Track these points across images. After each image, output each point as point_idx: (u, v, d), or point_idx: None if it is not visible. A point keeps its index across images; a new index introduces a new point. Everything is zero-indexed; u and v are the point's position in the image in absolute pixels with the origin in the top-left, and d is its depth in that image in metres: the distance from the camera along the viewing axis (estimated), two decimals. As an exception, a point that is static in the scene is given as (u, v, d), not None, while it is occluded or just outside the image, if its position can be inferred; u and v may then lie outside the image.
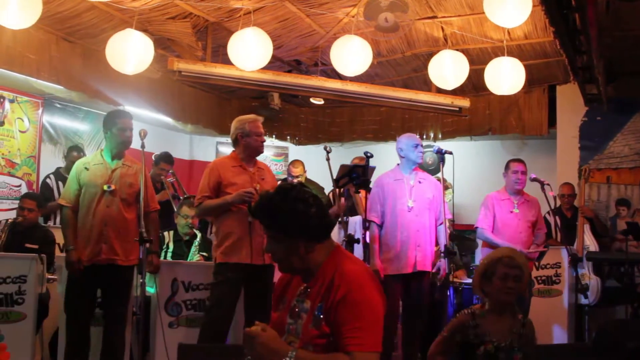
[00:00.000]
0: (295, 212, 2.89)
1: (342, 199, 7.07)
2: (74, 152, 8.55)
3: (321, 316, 2.87)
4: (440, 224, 6.43)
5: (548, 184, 6.77)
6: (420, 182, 6.38)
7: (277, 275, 3.30)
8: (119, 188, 5.70)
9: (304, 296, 3.00)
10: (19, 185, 8.60)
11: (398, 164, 6.49)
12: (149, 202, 5.91)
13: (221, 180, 5.69)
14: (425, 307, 6.38)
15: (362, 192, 6.46)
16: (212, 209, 5.71)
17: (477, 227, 7.04)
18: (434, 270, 6.34)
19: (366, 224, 6.34)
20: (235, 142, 5.90)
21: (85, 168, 5.75)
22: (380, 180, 6.42)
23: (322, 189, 8.99)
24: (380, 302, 2.89)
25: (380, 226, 6.29)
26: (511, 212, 6.92)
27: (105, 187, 5.65)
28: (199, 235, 7.29)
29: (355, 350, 2.75)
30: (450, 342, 4.13)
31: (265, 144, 6.00)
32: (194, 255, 7.11)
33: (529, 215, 6.95)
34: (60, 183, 8.36)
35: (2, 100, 8.41)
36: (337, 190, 6.26)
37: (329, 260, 2.96)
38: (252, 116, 5.98)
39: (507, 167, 7.07)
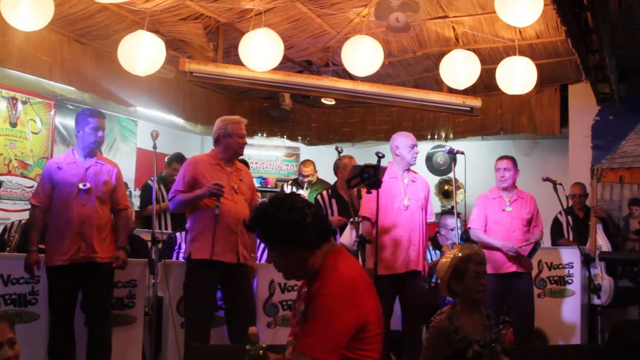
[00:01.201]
0: (291, 223, 2.90)
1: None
2: None
3: (303, 317, 2.92)
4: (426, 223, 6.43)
5: (560, 184, 6.74)
6: (413, 181, 6.36)
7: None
8: (94, 186, 5.69)
9: (302, 299, 3.06)
10: (32, 187, 8.62)
11: (390, 162, 6.43)
12: (119, 200, 5.93)
13: (197, 176, 5.73)
14: (420, 306, 6.30)
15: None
16: (184, 203, 5.72)
17: (469, 228, 7.01)
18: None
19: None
20: (216, 141, 5.94)
21: (58, 167, 5.72)
22: None
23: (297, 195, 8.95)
24: (353, 313, 2.85)
25: (374, 224, 6.18)
26: (503, 210, 6.86)
27: (80, 186, 5.64)
28: None
29: (300, 352, 2.78)
30: (438, 354, 4.05)
31: (276, 144, 6.03)
32: None
33: (523, 213, 6.86)
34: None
35: (14, 101, 8.44)
36: (354, 190, 6.23)
37: (325, 264, 2.98)
38: (236, 117, 6.02)
39: (495, 165, 7.04)
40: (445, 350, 3.94)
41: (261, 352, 2.95)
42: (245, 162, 8.51)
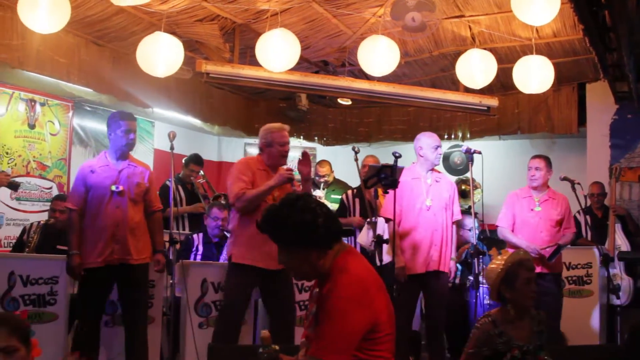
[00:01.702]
0: (303, 223, 2.91)
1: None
2: None
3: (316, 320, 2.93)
4: (453, 223, 6.40)
5: (578, 183, 6.70)
6: (437, 182, 6.35)
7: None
8: (127, 188, 5.74)
9: (314, 300, 3.07)
10: (50, 188, 8.69)
11: (414, 162, 6.45)
12: (152, 202, 5.99)
13: (253, 176, 5.73)
14: (444, 306, 6.30)
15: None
16: (256, 197, 5.63)
17: (497, 226, 6.98)
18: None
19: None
20: (260, 150, 5.95)
21: (92, 171, 5.76)
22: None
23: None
24: (364, 314, 2.86)
25: (398, 225, 6.19)
26: (532, 210, 6.77)
27: (113, 188, 5.68)
28: None
29: (313, 354, 2.81)
30: (478, 357, 4.05)
31: (292, 145, 6.01)
32: None
33: (553, 214, 6.74)
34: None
35: (33, 103, 8.49)
36: (371, 191, 6.23)
37: (335, 264, 2.98)
38: (277, 125, 5.98)
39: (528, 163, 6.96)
40: (485, 349, 3.95)
41: (274, 354, 2.95)
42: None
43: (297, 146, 12.03)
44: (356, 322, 2.83)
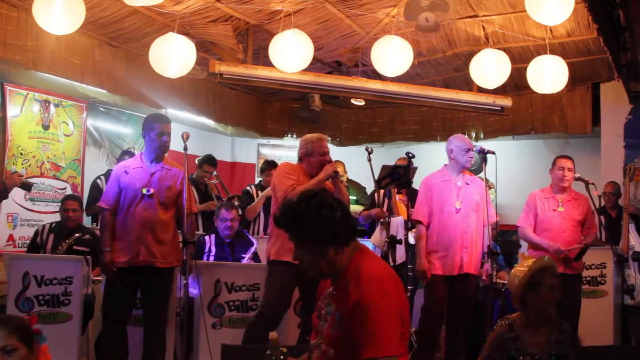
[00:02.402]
0: (321, 218, 2.89)
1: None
2: (126, 155, 8.69)
3: (339, 320, 2.89)
4: (485, 225, 6.33)
5: (592, 183, 6.67)
6: (467, 184, 6.31)
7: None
8: (157, 191, 5.74)
9: (330, 299, 3.03)
10: (64, 188, 8.72)
11: (446, 165, 6.43)
12: (186, 205, 5.96)
13: (297, 178, 5.75)
14: (470, 309, 6.30)
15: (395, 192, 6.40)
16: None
17: (518, 227, 6.94)
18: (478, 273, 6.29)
19: (408, 225, 6.34)
20: (300, 160, 5.98)
21: (125, 172, 5.80)
22: (427, 181, 6.36)
23: (364, 189, 8.98)
24: (394, 304, 2.85)
25: (427, 227, 6.22)
26: (555, 210, 6.73)
27: (144, 191, 5.70)
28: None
29: (367, 356, 2.75)
30: (491, 357, 4.03)
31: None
32: None
33: (575, 214, 6.73)
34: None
35: (47, 104, 8.53)
36: (381, 191, 6.24)
37: (351, 263, 2.97)
38: (316, 135, 6.02)
39: (553, 163, 6.90)
40: (498, 354, 3.93)
41: (282, 357, 2.94)
42: (274, 164, 8.56)
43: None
44: (392, 310, 2.83)
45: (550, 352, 3.96)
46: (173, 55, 6.75)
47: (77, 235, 6.94)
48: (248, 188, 8.81)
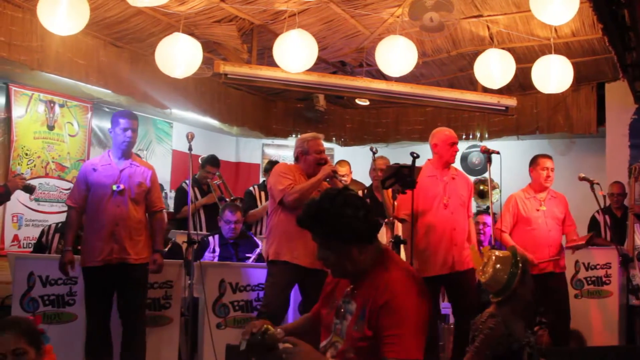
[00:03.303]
0: (345, 217, 2.85)
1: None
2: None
3: (364, 319, 2.85)
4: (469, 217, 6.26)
5: (597, 183, 6.66)
6: (453, 179, 6.17)
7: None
8: (127, 188, 5.69)
9: (350, 297, 2.99)
10: (69, 189, 8.70)
11: (429, 160, 6.29)
12: (154, 202, 5.94)
13: (294, 177, 5.75)
14: (474, 306, 5.88)
15: (388, 192, 6.33)
16: (307, 189, 5.63)
17: (497, 229, 6.77)
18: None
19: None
20: (296, 160, 5.96)
21: (94, 169, 5.75)
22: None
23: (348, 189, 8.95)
24: (424, 309, 2.83)
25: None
26: (538, 210, 6.67)
27: (114, 187, 5.65)
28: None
29: (391, 357, 2.71)
30: (489, 356, 4.05)
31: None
32: None
33: (556, 213, 6.69)
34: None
35: (52, 104, 8.55)
36: (389, 191, 6.20)
37: (377, 263, 2.93)
38: (312, 134, 6.03)
39: (536, 163, 6.81)
40: (497, 350, 3.96)
41: (267, 332, 2.85)
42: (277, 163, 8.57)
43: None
44: (423, 314, 2.80)
45: (529, 337, 4.02)
46: (179, 56, 6.76)
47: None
48: (251, 189, 8.80)
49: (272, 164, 8.84)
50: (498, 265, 4.20)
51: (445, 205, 6.02)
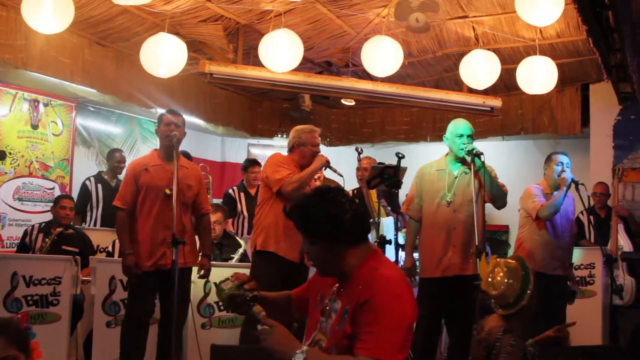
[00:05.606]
0: (328, 216, 2.84)
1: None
2: (115, 153, 8.70)
3: (346, 318, 2.83)
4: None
5: (582, 184, 6.67)
6: (465, 174, 5.72)
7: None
8: (179, 190, 5.39)
9: (336, 296, 2.98)
10: (52, 188, 8.70)
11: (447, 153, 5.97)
12: (202, 204, 5.89)
13: (290, 167, 5.76)
14: (469, 317, 5.44)
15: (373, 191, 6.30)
16: (305, 179, 5.67)
17: (539, 209, 6.28)
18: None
19: (398, 225, 5.98)
20: (290, 150, 5.98)
21: (145, 169, 5.63)
22: (421, 170, 5.95)
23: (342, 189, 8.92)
24: (407, 311, 2.78)
25: (419, 222, 5.82)
26: None
27: (167, 191, 5.52)
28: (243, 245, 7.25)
29: (361, 353, 2.68)
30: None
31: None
32: None
33: (569, 212, 6.52)
34: (99, 186, 8.46)
35: (36, 103, 8.51)
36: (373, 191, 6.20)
37: (364, 264, 2.91)
38: (309, 127, 6.08)
39: (550, 159, 6.66)
40: None
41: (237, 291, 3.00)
42: (257, 162, 8.57)
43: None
44: (406, 315, 2.76)
45: (536, 349, 4.04)
46: (164, 55, 6.74)
47: (59, 229, 6.89)
48: (230, 191, 8.80)
49: (250, 162, 8.86)
50: (509, 280, 4.02)
51: (447, 203, 5.68)
